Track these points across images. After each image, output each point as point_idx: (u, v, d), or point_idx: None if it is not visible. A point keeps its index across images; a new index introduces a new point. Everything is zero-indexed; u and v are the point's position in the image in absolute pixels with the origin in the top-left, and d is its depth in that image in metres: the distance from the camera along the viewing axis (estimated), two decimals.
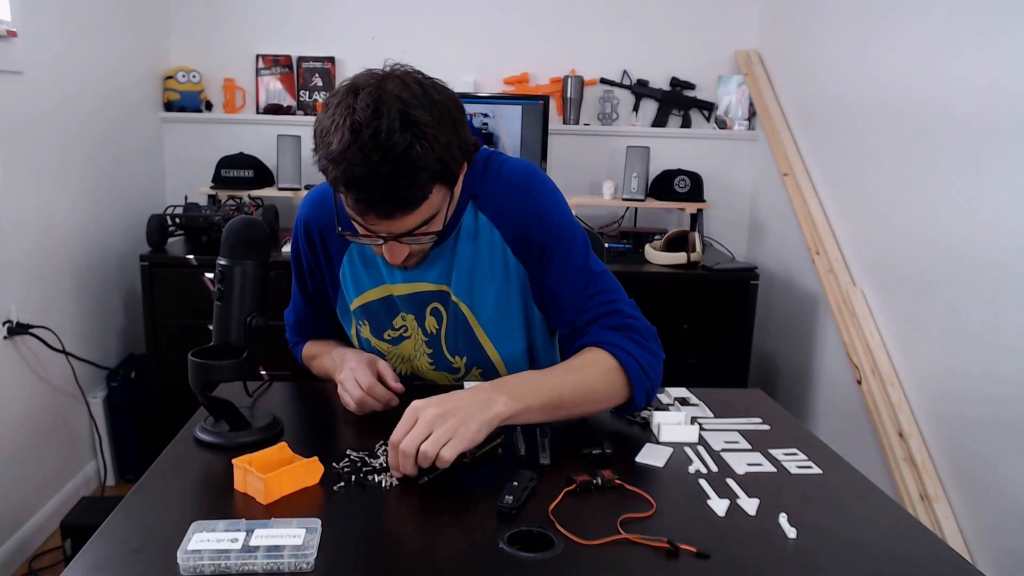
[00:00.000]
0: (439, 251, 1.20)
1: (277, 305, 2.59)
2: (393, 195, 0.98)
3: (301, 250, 1.31)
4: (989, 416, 1.76)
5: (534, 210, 1.19)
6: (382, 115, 0.95)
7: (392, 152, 0.95)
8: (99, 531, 0.85)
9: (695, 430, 1.14)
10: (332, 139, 0.97)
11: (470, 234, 1.20)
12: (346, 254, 1.26)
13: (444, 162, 1.00)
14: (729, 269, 2.67)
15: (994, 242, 1.76)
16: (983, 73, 1.82)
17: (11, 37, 2.06)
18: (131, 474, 2.65)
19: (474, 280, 1.21)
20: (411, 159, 0.96)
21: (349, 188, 0.99)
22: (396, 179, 0.96)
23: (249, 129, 3.09)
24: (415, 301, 1.24)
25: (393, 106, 0.96)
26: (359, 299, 1.27)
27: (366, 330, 1.29)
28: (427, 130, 0.97)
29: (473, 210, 1.20)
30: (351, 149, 0.95)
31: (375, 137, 0.94)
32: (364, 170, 0.96)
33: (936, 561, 0.85)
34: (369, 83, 0.99)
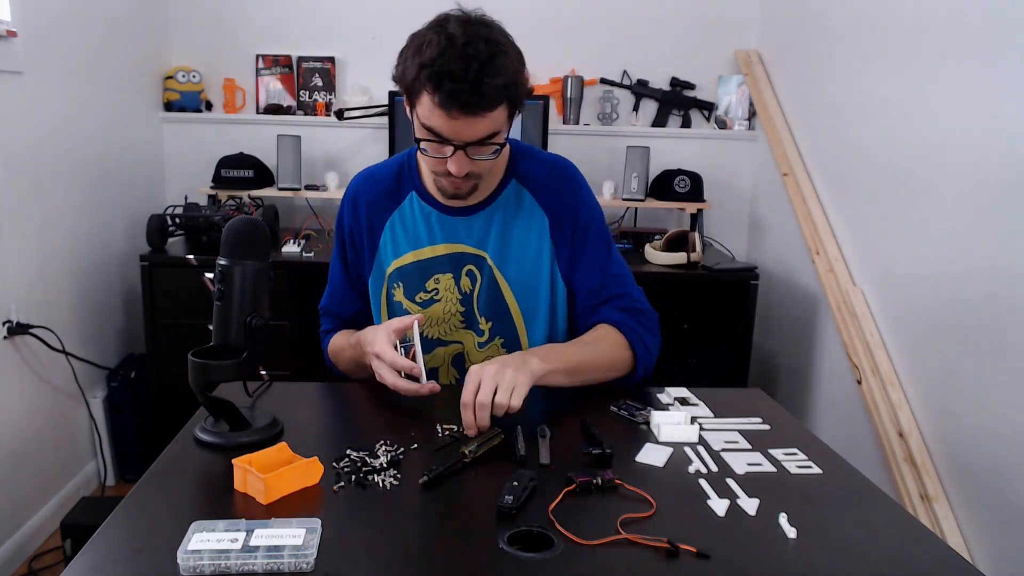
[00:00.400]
0: (480, 216, 1.35)
1: (277, 305, 2.59)
2: (477, 88, 1.13)
3: (346, 220, 1.43)
4: (989, 416, 1.76)
5: (576, 196, 1.38)
6: (471, 34, 1.14)
7: (480, 56, 1.12)
8: (99, 531, 0.85)
9: (695, 430, 1.14)
10: (427, 50, 1.14)
11: (513, 207, 1.36)
12: (388, 221, 1.39)
13: (515, 84, 1.17)
14: (729, 269, 2.67)
15: (995, 242, 1.76)
16: (984, 71, 1.82)
17: (11, 37, 2.06)
18: (131, 474, 2.65)
19: (511, 249, 1.35)
20: (495, 65, 1.14)
21: (441, 82, 1.12)
22: (481, 75, 1.12)
23: (249, 129, 3.09)
24: (453, 260, 1.36)
25: (480, 29, 1.16)
26: (396, 262, 1.38)
27: (399, 293, 1.39)
28: (507, 50, 1.17)
29: (517, 186, 1.37)
30: (447, 52, 1.12)
31: (466, 45, 1.13)
32: (457, 66, 1.11)
33: (936, 561, 0.85)
34: (456, 16, 1.18)
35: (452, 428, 1.13)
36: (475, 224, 1.35)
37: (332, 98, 3.11)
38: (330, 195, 3.02)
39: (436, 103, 1.14)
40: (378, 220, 1.40)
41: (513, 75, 1.16)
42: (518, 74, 1.18)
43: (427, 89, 1.14)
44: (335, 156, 3.14)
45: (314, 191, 3.00)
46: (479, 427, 1.07)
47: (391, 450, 1.05)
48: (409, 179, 1.39)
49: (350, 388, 1.37)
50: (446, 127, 1.17)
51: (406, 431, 1.13)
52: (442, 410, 1.19)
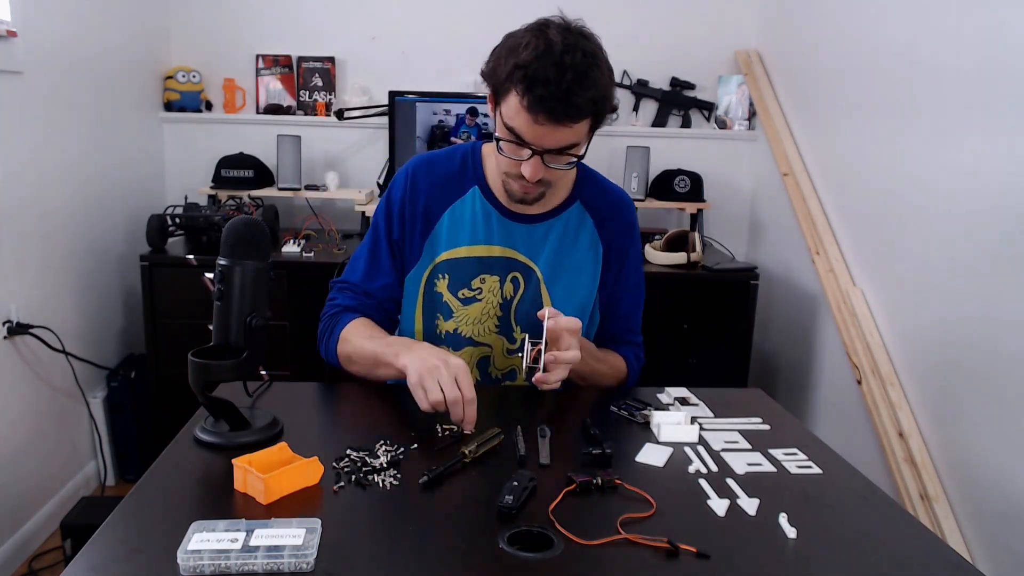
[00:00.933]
0: (539, 228, 1.36)
1: (277, 305, 2.59)
2: (568, 100, 1.13)
3: (400, 193, 1.39)
4: (989, 416, 1.76)
5: (632, 236, 1.43)
6: (570, 43, 1.14)
7: (576, 67, 1.13)
8: (99, 531, 0.85)
9: (695, 430, 1.14)
10: (524, 52, 1.14)
11: (574, 228, 1.38)
12: (448, 209, 1.37)
13: (604, 99, 1.18)
14: (729, 269, 2.67)
15: (996, 242, 1.76)
16: (987, 74, 1.82)
17: (11, 37, 2.06)
18: (131, 474, 2.65)
19: (566, 269, 1.37)
20: (589, 78, 1.14)
21: (533, 86, 1.13)
22: (573, 86, 1.13)
23: (249, 129, 3.09)
24: (503, 264, 1.36)
25: (578, 40, 1.16)
26: (451, 252, 1.36)
27: (443, 284, 1.37)
28: (601, 64, 1.18)
29: (580, 209, 1.39)
30: (545, 57, 1.13)
31: (564, 53, 1.13)
32: (553, 73, 1.12)
33: (936, 561, 0.85)
34: (556, 23, 1.18)
35: (452, 428, 1.13)
36: (533, 234, 1.36)
37: (332, 98, 3.11)
38: (330, 195, 3.02)
39: (524, 106, 1.15)
40: (436, 205, 1.37)
41: (604, 90, 1.17)
42: (608, 89, 1.19)
43: (517, 90, 1.15)
44: (335, 156, 3.14)
45: (314, 191, 3.00)
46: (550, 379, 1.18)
47: (391, 450, 1.05)
48: (473, 173, 1.38)
49: (350, 388, 1.37)
50: (529, 131, 1.17)
51: (406, 431, 1.13)
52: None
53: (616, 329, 1.46)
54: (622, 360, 1.44)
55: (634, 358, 1.46)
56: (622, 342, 1.46)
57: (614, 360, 1.43)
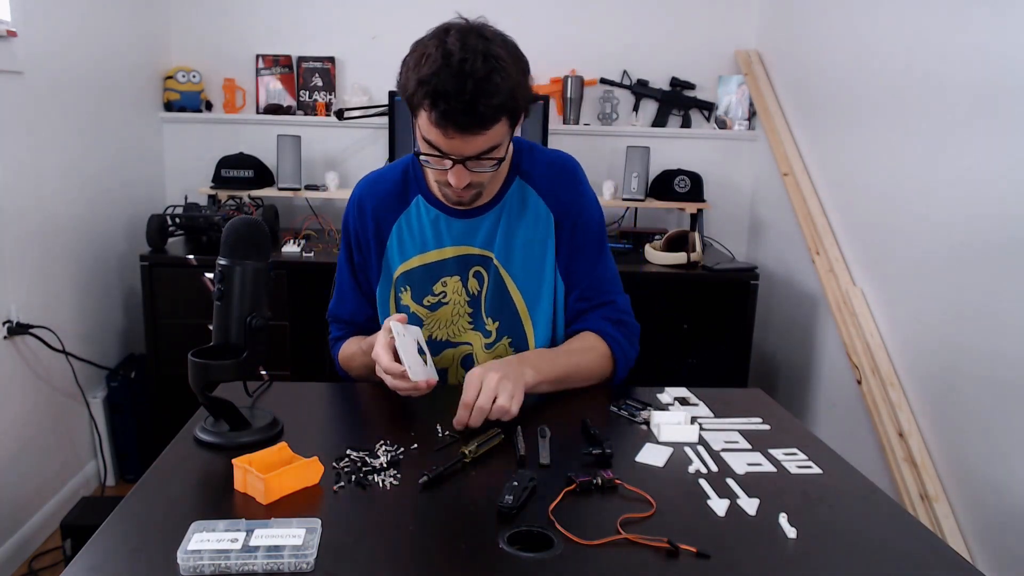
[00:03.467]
0: (486, 217, 1.35)
1: (277, 305, 2.59)
2: (472, 109, 1.13)
3: (352, 223, 1.43)
4: (989, 416, 1.76)
5: (579, 194, 1.39)
6: (468, 49, 1.13)
7: (476, 75, 1.12)
8: (99, 531, 0.85)
9: (695, 430, 1.14)
10: (424, 66, 1.14)
11: (518, 205, 1.37)
12: (395, 225, 1.39)
13: (514, 96, 1.16)
14: (729, 269, 2.67)
15: (996, 242, 1.76)
16: (985, 72, 1.82)
17: (11, 37, 2.06)
18: (131, 474, 2.65)
19: (517, 248, 1.36)
20: (491, 83, 1.13)
21: (436, 101, 1.13)
22: (476, 96, 1.12)
23: (249, 129, 3.09)
24: (460, 263, 1.37)
25: (478, 43, 1.14)
26: (403, 265, 1.39)
27: (407, 296, 1.40)
28: (504, 65, 1.15)
29: (521, 184, 1.37)
30: (443, 70, 1.12)
31: (463, 62, 1.12)
32: (452, 85, 1.11)
33: (936, 561, 0.85)
34: (458, 27, 1.18)
35: (452, 428, 1.13)
36: (481, 225, 1.36)
37: (332, 98, 3.11)
38: (330, 195, 3.02)
39: (432, 121, 1.15)
40: (385, 224, 1.39)
41: (511, 90, 1.15)
42: (517, 87, 1.17)
43: (424, 106, 1.15)
44: (335, 156, 3.14)
45: (314, 191, 3.00)
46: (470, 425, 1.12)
47: (391, 450, 1.05)
48: (415, 183, 1.39)
49: (350, 388, 1.37)
50: (444, 143, 1.18)
51: (406, 431, 1.13)
52: (442, 410, 1.19)
53: (585, 293, 1.40)
54: (591, 335, 1.37)
55: (610, 325, 1.38)
56: (594, 305, 1.40)
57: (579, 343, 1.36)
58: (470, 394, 1.12)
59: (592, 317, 1.39)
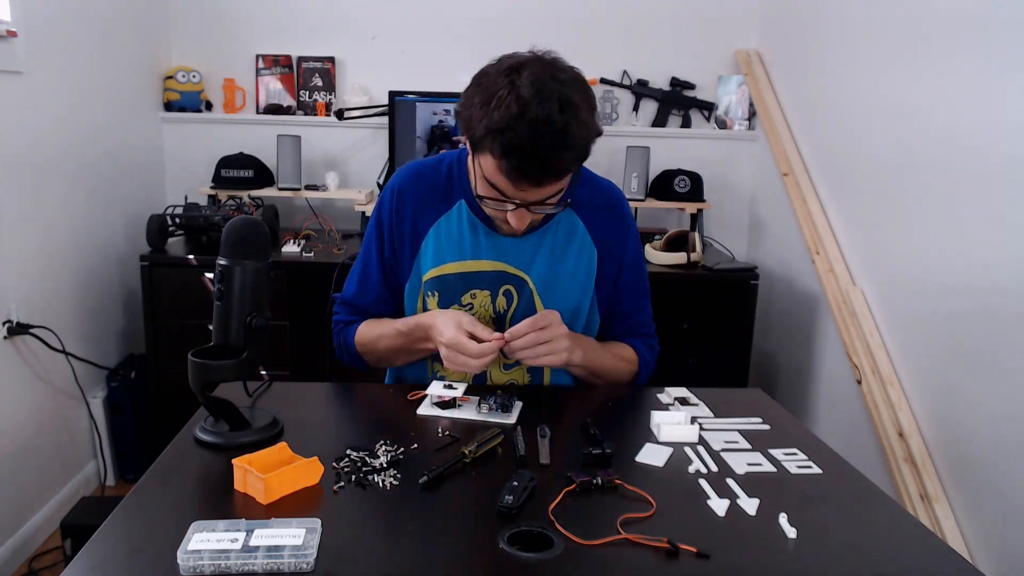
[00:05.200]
0: (527, 239, 1.31)
1: (277, 305, 2.59)
2: (547, 165, 1.09)
3: (387, 213, 1.36)
4: (989, 416, 1.75)
5: (626, 233, 1.38)
6: (545, 95, 1.06)
7: (553, 128, 1.06)
8: (99, 531, 0.85)
9: (695, 430, 1.14)
10: (497, 111, 1.07)
11: (564, 234, 1.33)
12: (434, 226, 1.33)
13: (586, 145, 1.13)
14: (729, 269, 2.67)
15: (996, 242, 1.76)
16: (986, 64, 1.82)
17: (11, 37, 2.06)
18: (131, 474, 2.65)
19: (559, 277, 1.33)
20: (568, 136, 1.08)
21: (509, 155, 1.08)
22: (553, 152, 1.08)
23: (249, 129, 3.09)
24: (493, 278, 1.32)
25: (555, 89, 1.08)
26: (437, 269, 1.33)
27: (434, 301, 1.34)
28: (580, 113, 1.09)
29: (569, 213, 1.33)
30: (518, 122, 1.06)
31: (540, 114, 1.06)
32: (529, 142, 1.06)
33: (936, 561, 0.85)
34: (529, 63, 1.11)
35: (451, 428, 1.13)
36: (524, 245, 1.31)
37: (332, 98, 3.11)
38: (330, 195, 3.02)
39: (502, 170, 1.10)
40: (423, 221, 1.33)
41: (584, 141, 1.11)
42: (589, 134, 1.12)
43: (494, 154, 1.10)
44: (335, 156, 3.14)
45: (314, 191, 3.00)
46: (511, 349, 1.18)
47: (391, 450, 1.05)
48: (459, 185, 1.33)
49: (350, 388, 1.37)
50: (511, 191, 1.14)
51: (406, 431, 1.13)
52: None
53: (623, 327, 1.42)
54: (630, 349, 1.41)
55: (644, 347, 1.43)
56: (632, 336, 1.43)
57: (621, 351, 1.40)
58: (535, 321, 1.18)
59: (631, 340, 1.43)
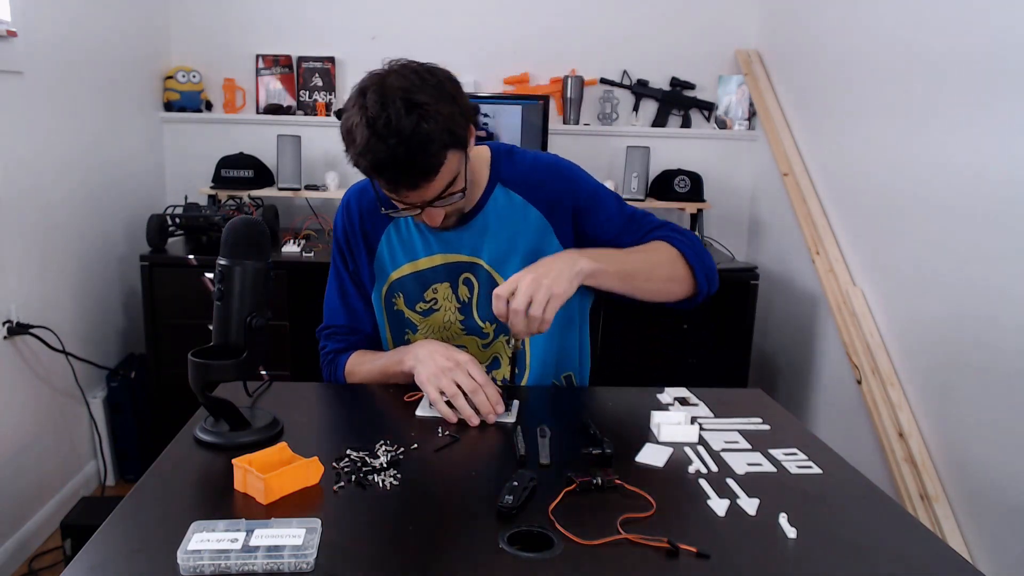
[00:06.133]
0: (471, 225, 1.34)
1: (277, 305, 2.59)
2: (414, 169, 1.13)
3: (341, 231, 1.43)
4: (989, 416, 1.76)
5: (566, 181, 1.36)
6: (388, 105, 1.11)
7: (403, 133, 1.10)
8: (99, 531, 0.85)
9: (695, 430, 1.14)
10: (355, 136, 1.13)
11: (504, 209, 1.35)
12: (384, 233, 1.39)
13: (451, 130, 1.14)
14: (729, 269, 2.67)
15: (996, 242, 1.76)
16: (986, 72, 1.82)
17: (11, 37, 2.06)
18: (131, 474, 2.65)
19: (511, 249, 1.34)
20: (421, 134, 1.11)
21: (379, 173, 1.15)
22: (413, 155, 1.12)
23: (249, 129, 3.09)
24: (449, 270, 1.37)
25: (396, 96, 1.12)
26: (395, 273, 1.39)
27: (400, 302, 1.41)
28: (429, 108, 1.12)
29: (504, 190, 1.36)
30: (371, 140, 1.11)
31: (387, 125, 1.10)
32: (385, 155, 1.11)
33: (936, 561, 0.85)
34: (373, 82, 1.16)
35: (452, 429, 1.13)
36: (468, 233, 1.35)
37: (332, 98, 3.11)
38: (330, 195, 3.02)
39: (384, 186, 1.19)
40: (374, 231, 1.40)
41: (446, 128, 1.13)
42: (451, 119, 1.14)
43: (369, 175, 1.18)
44: (335, 156, 3.14)
45: (314, 191, 3.00)
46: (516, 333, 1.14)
47: (391, 450, 1.05)
48: None
49: (350, 388, 1.37)
50: (402, 199, 1.20)
51: (406, 431, 1.13)
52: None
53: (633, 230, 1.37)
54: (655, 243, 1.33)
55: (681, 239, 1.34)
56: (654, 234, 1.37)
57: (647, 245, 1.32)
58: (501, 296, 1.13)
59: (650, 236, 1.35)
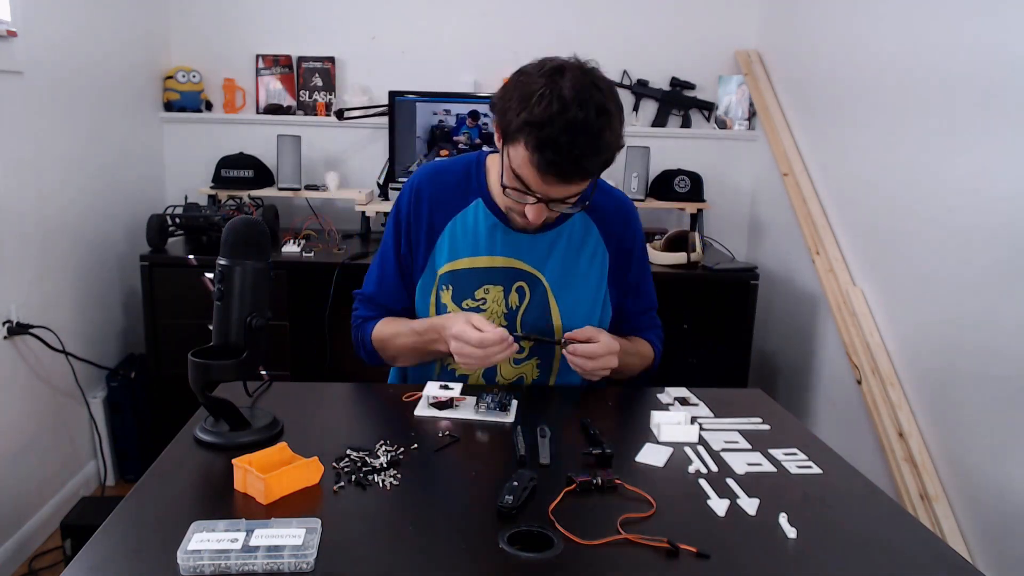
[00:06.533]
0: (543, 237, 1.35)
1: (277, 305, 2.59)
2: (578, 165, 1.14)
3: (404, 210, 1.40)
4: (989, 416, 1.76)
5: (635, 234, 1.44)
6: (585, 100, 1.11)
7: (589, 131, 1.11)
8: (99, 531, 0.85)
9: (695, 430, 1.14)
10: (537, 107, 1.11)
11: (579, 236, 1.37)
12: (450, 222, 1.37)
13: (613, 152, 1.18)
14: (729, 269, 2.67)
15: (996, 242, 1.76)
16: (986, 74, 1.82)
17: (11, 37, 2.06)
18: (131, 474, 2.65)
19: (573, 277, 1.36)
20: (601, 140, 1.13)
21: (544, 150, 1.12)
22: (585, 153, 1.12)
23: (249, 129, 3.09)
24: (507, 274, 1.36)
25: (594, 95, 1.13)
26: (452, 264, 1.37)
27: (447, 295, 1.37)
28: (614, 122, 1.15)
29: (584, 217, 1.38)
30: (558, 119, 1.10)
31: (578, 116, 1.10)
32: (566, 139, 1.10)
33: (936, 561, 0.85)
34: (572, 67, 1.15)
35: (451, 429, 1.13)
36: (538, 243, 1.35)
37: (332, 98, 3.11)
38: (330, 195, 3.02)
39: (533, 163, 1.14)
40: (439, 218, 1.37)
41: (615, 148, 1.16)
42: (620, 141, 1.18)
43: (527, 145, 1.13)
44: (335, 156, 3.14)
45: (314, 191, 3.00)
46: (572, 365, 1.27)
47: (391, 450, 1.05)
48: (477, 184, 1.37)
49: (350, 388, 1.37)
50: (536, 184, 1.17)
51: (406, 431, 1.13)
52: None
53: (636, 324, 1.48)
54: (648, 345, 1.47)
55: (657, 340, 1.50)
56: (644, 328, 1.49)
57: (641, 347, 1.46)
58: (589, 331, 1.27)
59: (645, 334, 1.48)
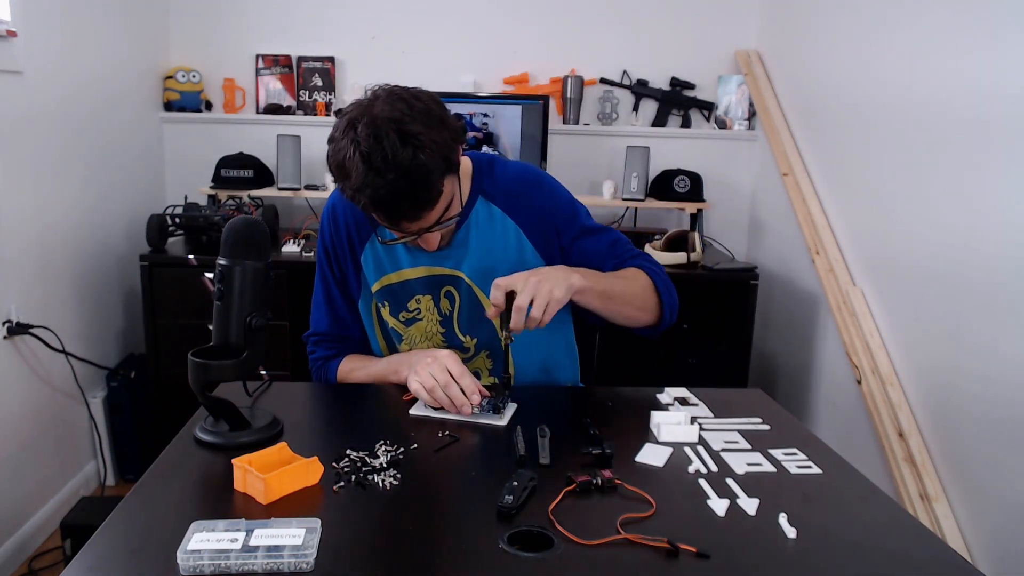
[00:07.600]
0: (454, 239, 1.33)
1: (277, 305, 2.59)
2: (415, 202, 1.13)
3: (329, 238, 1.42)
4: (989, 416, 1.75)
5: (544, 198, 1.36)
6: (382, 138, 1.08)
7: (402, 167, 1.08)
8: (99, 531, 0.85)
9: (695, 430, 1.14)
10: (350, 172, 1.11)
11: (485, 223, 1.35)
12: (369, 240, 1.38)
13: (446, 157, 1.14)
14: (729, 269, 2.67)
15: (995, 241, 1.76)
16: (983, 71, 1.82)
17: (11, 37, 2.06)
18: (131, 474, 2.65)
19: (488, 264, 1.34)
20: (420, 166, 1.10)
21: (378, 209, 1.13)
22: (414, 188, 1.11)
23: (249, 129, 3.09)
24: (431, 283, 1.37)
25: (388, 128, 1.09)
26: (380, 282, 1.39)
27: (386, 311, 1.40)
28: (423, 137, 1.10)
29: (485, 203, 1.35)
30: (368, 176, 1.09)
31: (384, 159, 1.08)
32: (386, 190, 1.10)
33: (936, 561, 0.85)
34: (362, 113, 1.12)
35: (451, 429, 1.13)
36: (451, 246, 1.34)
37: (332, 98, 3.11)
38: (330, 195, 3.01)
39: (382, 220, 1.17)
40: (359, 239, 1.39)
41: (441, 156, 1.12)
42: (444, 146, 1.13)
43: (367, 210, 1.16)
44: None
45: (314, 191, 3.00)
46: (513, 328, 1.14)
47: (391, 450, 1.05)
48: None
49: (350, 388, 1.37)
50: (400, 230, 1.20)
51: (406, 431, 1.13)
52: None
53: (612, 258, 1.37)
54: (632, 270, 1.35)
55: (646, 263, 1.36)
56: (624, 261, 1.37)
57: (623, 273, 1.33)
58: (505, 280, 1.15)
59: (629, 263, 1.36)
